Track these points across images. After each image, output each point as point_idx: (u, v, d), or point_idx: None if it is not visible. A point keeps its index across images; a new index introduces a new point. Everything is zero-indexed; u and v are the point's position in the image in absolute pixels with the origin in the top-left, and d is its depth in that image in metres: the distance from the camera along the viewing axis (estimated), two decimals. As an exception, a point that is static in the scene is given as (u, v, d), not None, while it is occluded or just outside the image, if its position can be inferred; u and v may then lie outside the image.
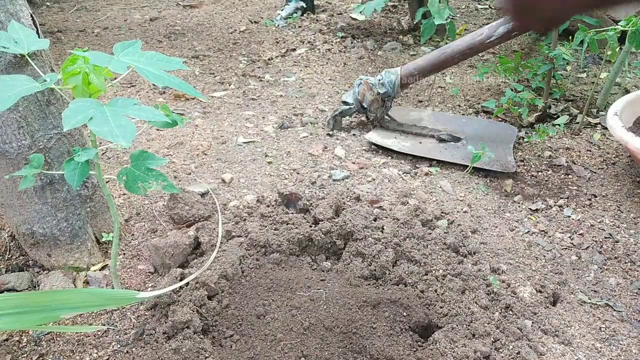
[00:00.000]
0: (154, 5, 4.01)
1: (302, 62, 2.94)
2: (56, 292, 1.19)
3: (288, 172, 1.91)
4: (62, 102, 1.30)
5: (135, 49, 1.00)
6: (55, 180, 1.32)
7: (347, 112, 2.21)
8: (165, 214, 1.65)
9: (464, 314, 1.26)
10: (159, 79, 0.93)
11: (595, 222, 1.70)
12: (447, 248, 1.49)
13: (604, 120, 2.21)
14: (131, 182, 1.02)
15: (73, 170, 0.99)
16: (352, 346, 1.17)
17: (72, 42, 3.21)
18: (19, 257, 1.46)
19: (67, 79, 0.93)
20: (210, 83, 2.70)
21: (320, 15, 3.63)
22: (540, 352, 1.22)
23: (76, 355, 1.21)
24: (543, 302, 1.36)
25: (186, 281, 1.15)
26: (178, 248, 1.42)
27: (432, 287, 1.34)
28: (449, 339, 1.19)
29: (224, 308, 1.26)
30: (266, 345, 1.17)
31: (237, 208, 1.67)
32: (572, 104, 2.43)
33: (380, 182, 1.86)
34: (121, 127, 0.80)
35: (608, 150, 2.07)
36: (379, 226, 1.54)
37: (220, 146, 2.09)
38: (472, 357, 1.15)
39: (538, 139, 2.14)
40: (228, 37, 3.30)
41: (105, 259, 1.47)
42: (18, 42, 1.01)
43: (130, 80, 2.68)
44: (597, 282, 1.46)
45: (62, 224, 1.37)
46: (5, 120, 1.20)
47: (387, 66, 2.82)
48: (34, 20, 1.25)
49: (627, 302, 1.39)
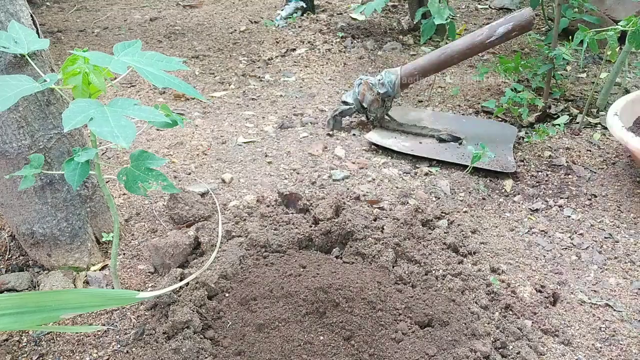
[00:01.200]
0: (154, 5, 4.00)
1: (302, 62, 2.94)
2: (56, 292, 1.20)
3: (288, 172, 1.91)
4: (62, 102, 1.30)
5: (135, 49, 1.00)
6: (55, 180, 1.32)
7: (347, 112, 2.21)
8: (165, 214, 1.65)
9: (464, 313, 1.26)
10: (159, 79, 0.93)
11: (595, 222, 1.70)
12: (447, 248, 1.49)
13: (604, 120, 2.21)
14: (131, 182, 1.02)
15: (73, 170, 0.99)
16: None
17: (72, 42, 3.21)
18: (19, 257, 1.46)
19: (67, 79, 0.94)
20: (210, 83, 2.70)
21: (320, 15, 3.63)
22: (540, 352, 1.22)
23: (76, 355, 1.21)
24: (543, 302, 1.36)
25: (186, 281, 1.15)
26: (178, 248, 1.42)
27: (433, 287, 1.34)
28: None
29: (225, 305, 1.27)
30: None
31: (237, 208, 1.67)
32: (572, 104, 2.43)
33: (380, 182, 1.86)
34: (121, 128, 0.80)
35: (608, 150, 2.07)
36: (379, 226, 1.54)
37: (220, 146, 2.09)
38: (472, 357, 1.15)
39: (538, 139, 2.14)
40: (228, 37, 3.30)
41: (105, 259, 1.47)
42: (18, 42, 1.02)
43: (130, 80, 2.68)
44: (597, 282, 1.46)
45: (62, 224, 1.37)
46: (5, 120, 1.20)
47: (387, 66, 2.82)
48: (34, 20, 1.25)
49: (627, 302, 1.39)
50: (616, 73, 2.30)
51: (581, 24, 2.02)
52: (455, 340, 1.19)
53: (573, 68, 2.79)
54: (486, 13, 3.66)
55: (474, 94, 2.54)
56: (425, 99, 2.54)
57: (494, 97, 2.47)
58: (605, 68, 2.59)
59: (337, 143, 2.13)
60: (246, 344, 1.18)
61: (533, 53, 2.89)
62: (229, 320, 1.24)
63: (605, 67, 2.59)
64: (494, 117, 2.33)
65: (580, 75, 2.73)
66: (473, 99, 2.50)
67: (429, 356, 1.16)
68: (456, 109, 2.43)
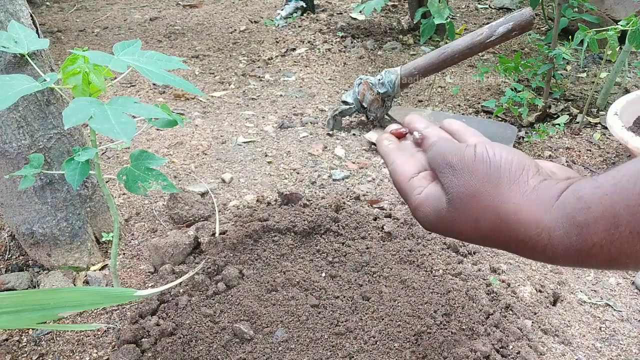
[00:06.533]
0: (154, 5, 4.00)
1: (302, 62, 2.94)
2: (54, 290, 1.19)
3: (288, 172, 1.91)
4: (62, 102, 1.30)
5: (135, 49, 1.00)
6: (55, 180, 1.32)
7: (347, 112, 2.21)
8: (165, 213, 1.65)
9: (465, 313, 1.26)
10: (159, 77, 0.93)
11: (595, 221, 1.69)
12: (447, 248, 1.49)
13: (604, 120, 2.21)
14: (131, 182, 1.02)
15: (73, 170, 0.99)
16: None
17: (72, 42, 3.21)
18: (19, 257, 1.46)
19: (67, 79, 0.93)
20: (210, 83, 2.70)
21: (320, 15, 3.63)
22: (540, 352, 1.21)
23: (76, 355, 1.21)
24: (543, 302, 1.36)
25: (182, 279, 1.15)
26: (178, 248, 1.42)
27: (433, 287, 1.34)
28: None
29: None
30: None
31: (237, 208, 1.67)
32: (572, 104, 2.43)
33: (380, 182, 1.86)
34: (122, 124, 0.80)
35: (608, 150, 2.07)
36: (379, 226, 1.54)
37: (220, 146, 2.09)
38: (472, 357, 1.15)
39: (538, 139, 2.14)
40: (228, 37, 3.30)
41: (105, 258, 1.47)
42: (18, 42, 1.01)
43: (130, 80, 2.68)
44: (597, 282, 1.45)
45: (62, 224, 1.37)
46: (5, 120, 1.20)
47: (387, 66, 2.82)
48: (34, 20, 1.25)
49: (627, 302, 1.39)
50: (616, 73, 2.29)
51: (581, 23, 2.02)
52: (455, 340, 1.19)
53: (573, 68, 2.79)
54: (486, 13, 3.66)
55: (474, 94, 2.54)
56: (425, 99, 2.54)
57: (494, 96, 2.47)
58: (605, 68, 2.59)
59: (337, 143, 2.13)
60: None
61: (533, 53, 2.89)
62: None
63: (605, 67, 2.59)
64: (494, 117, 2.33)
65: (580, 75, 2.73)
66: (473, 98, 2.50)
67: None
68: (456, 108, 2.43)
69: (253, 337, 1.17)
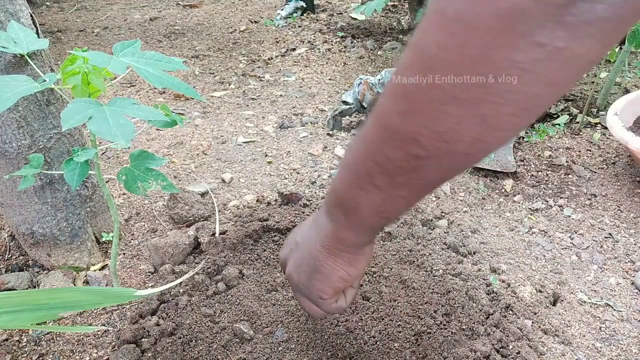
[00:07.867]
0: (154, 5, 4.00)
1: (302, 62, 2.94)
2: (54, 290, 1.19)
3: (288, 172, 1.91)
4: (62, 102, 1.30)
5: (135, 49, 1.00)
6: (55, 180, 1.32)
7: (347, 112, 2.21)
8: (165, 213, 1.65)
9: (464, 313, 1.26)
10: (158, 79, 0.93)
11: (595, 222, 1.69)
12: (447, 248, 1.49)
13: (604, 120, 2.21)
14: (131, 182, 1.02)
15: (72, 170, 0.99)
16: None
17: (72, 42, 3.21)
18: (19, 257, 1.46)
19: (67, 79, 0.93)
20: (210, 83, 2.70)
21: (320, 15, 3.62)
22: (540, 352, 1.21)
23: (76, 355, 1.21)
24: (543, 302, 1.36)
25: (182, 279, 1.15)
26: (178, 248, 1.42)
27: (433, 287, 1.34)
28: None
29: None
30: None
31: (237, 208, 1.67)
32: (572, 104, 2.43)
33: (380, 182, 1.86)
34: (120, 127, 0.80)
35: (608, 150, 2.07)
36: (379, 226, 1.54)
37: (220, 146, 2.09)
38: (472, 357, 1.15)
39: (538, 139, 2.14)
40: (228, 37, 3.30)
41: (105, 258, 1.47)
42: (17, 42, 1.01)
43: (130, 80, 2.68)
44: (597, 282, 1.45)
45: (62, 224, 1.37)
46: (5, 120, 1.20)
47: (387, 66, 2.82)
48: (34, 20, 1.25)
49: (627, 302, 1.39)
50: (616, 73, 2.29)
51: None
52: (456, 340, 1.19)
53: (573, 68, 2.79)
54: (486, 13, 3.66)
55: (474, 94, 2.54)
56: (425, 99, 2.54)
57: (494, 96, 2.46)
58: (605, 68, 2.59)
59: (337, 143, 2.13)
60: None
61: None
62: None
63: (605, 66, 2.59)
64: (494, 117, 2.33)
65: (580, 75, 2.72)
66: (473, 98, 2.50)
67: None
68: (456, 108, 2.43)
69: (253, 337, 1.17)
